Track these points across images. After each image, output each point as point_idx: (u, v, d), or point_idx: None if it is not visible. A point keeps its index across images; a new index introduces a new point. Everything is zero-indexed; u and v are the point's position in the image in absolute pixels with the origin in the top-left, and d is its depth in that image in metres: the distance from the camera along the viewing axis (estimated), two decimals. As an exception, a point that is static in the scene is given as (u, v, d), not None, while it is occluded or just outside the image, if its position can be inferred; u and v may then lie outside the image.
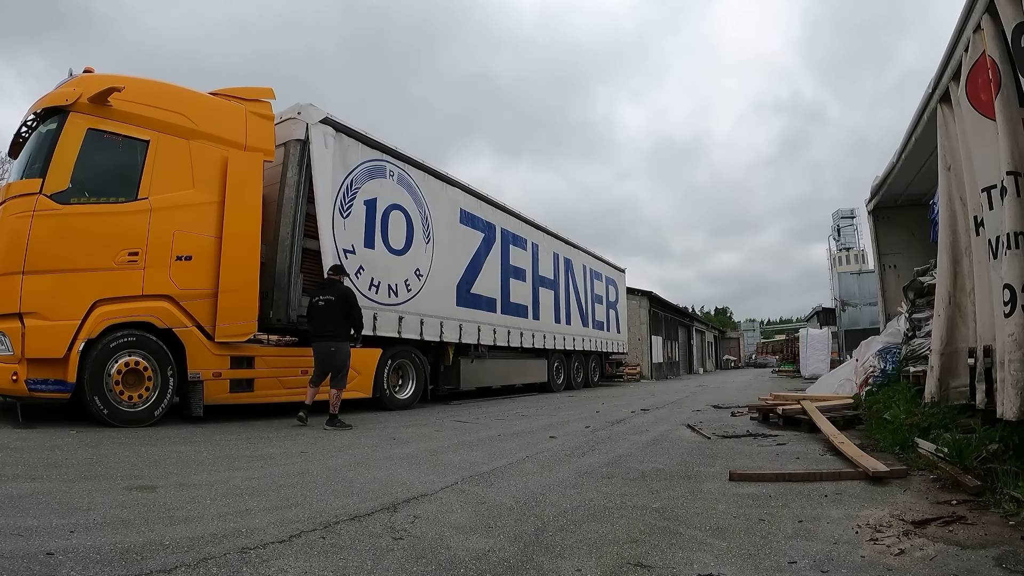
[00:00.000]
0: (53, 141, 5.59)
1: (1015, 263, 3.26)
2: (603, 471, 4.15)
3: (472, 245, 10.98)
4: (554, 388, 14.27)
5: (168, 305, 6.09)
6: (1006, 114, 3.47)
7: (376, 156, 8.65)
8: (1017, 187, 3.33)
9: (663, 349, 27.49)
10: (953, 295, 4.35)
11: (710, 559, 2.36)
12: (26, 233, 5.31)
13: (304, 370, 7.37)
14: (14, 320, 5.24)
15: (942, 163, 4.69)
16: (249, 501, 3.09)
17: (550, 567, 2.28)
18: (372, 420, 7.25)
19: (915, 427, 4.72)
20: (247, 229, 6.74)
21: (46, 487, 3.17)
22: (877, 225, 9.41)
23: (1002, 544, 2.43)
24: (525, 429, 6.62)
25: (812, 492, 3.42)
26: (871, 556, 2.36)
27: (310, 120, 7.57)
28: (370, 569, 2.20)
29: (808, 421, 5.98)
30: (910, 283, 6.85)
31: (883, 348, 7.74)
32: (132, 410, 5.71)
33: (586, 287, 16.57)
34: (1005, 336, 3.31)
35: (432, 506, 3.14)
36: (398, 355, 8.87)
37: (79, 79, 5.91)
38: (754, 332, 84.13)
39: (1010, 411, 3.22)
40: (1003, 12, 3.47)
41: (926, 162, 6.68)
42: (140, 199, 5.97)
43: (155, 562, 2.15)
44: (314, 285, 7.27)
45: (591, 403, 10.56)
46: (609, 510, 3.11)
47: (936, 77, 4.86)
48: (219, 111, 6.81)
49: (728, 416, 7.84)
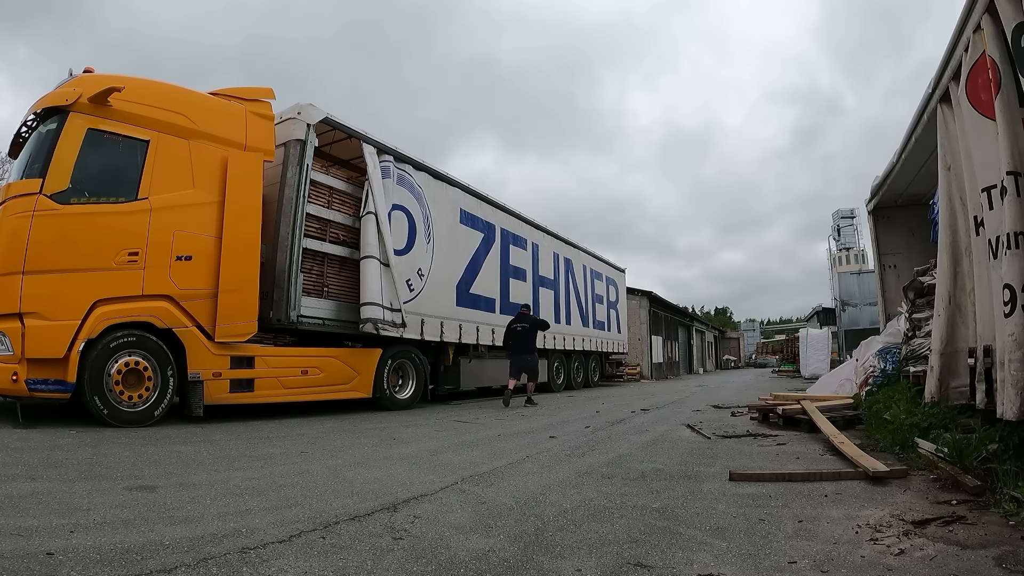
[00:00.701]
0: (53, 141, 5.59)
1: (1015, 263, 3.26)
2: (603, 471, 4.15)
3: (472, 245, 10.98)
4: (554, 388, 14.26)
5: (168, 305, 6.09)
6: (1006, 114, 3.46)
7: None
8: (1017, 187, 3.32)
9: (663, 349, 27.49)
10: (953, 295, 4.34)
11: (710, 559, 2.36)
12: (26, 233, 5.31)
13: (304, 370, 7.39)
14: (14, 320, 5.24)
15: (942, 163, 4.68)
16: (249, 501, 3.09)
17: (550, 567, 2.28)
18: (372, 420, 7.25)
19: (915, 427, 4.71)
20: (247, 229, 6.74)
21: (46, 487, 3.17)
22: (877, 225, 9.41)
23: (1002, 544, 2.43)
24: (525, 429, 6.62)
25: (812, 492, 3.42)
26: (871, 556, 2.36)
27: (310, 120, 7.57)
28: (370, 569, 2.20)
29: (808, 421, 5.98)
30: (910, 283, 6.84)
31: (883, 348, 7.74)
32: (132, 410, 5.71)
33: (586, 287, 16.57)
34: (1005, 336, 3.31)
35: (432, 506, 3.14)
36: (398, 355, 8.87)
37: (79, 79, 5.92)
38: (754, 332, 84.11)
39: (1010, 411, 3.22)
40: (1003, 12, 3.47)
41: (926, 162, 6.67)
42: (140, 199, 5.97)
43: (155, 562, 2.15)
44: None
45: (591, 403, 10.56)
46: (609, 510, 3.11)
47: (936, 77, 4.86)
48: (219, 111, 6.81)
49: (728, 416, 7.84)
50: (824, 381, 10.77)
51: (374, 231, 8.02)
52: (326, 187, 8.04)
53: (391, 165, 8.72)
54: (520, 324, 10.29)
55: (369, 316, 7.81)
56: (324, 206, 7.96)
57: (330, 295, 7.97)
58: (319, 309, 7.76)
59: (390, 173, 8.67)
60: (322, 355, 7.80)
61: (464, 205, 10.81)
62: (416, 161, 9.47)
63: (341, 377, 7.91)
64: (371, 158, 8.29)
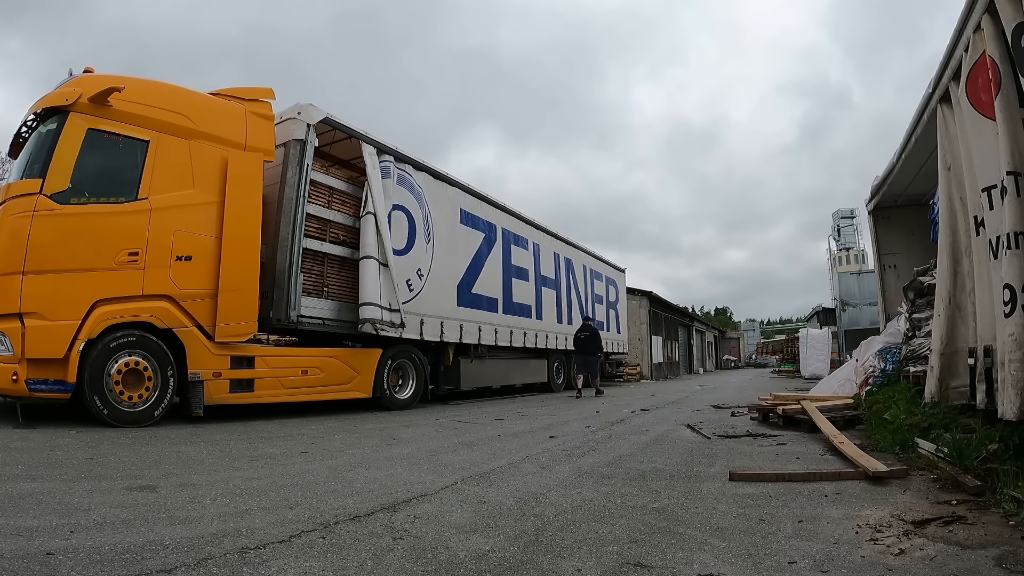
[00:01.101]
0: (53, 141, 5.59)
1: (1015, 263, 3.26)
2: (603, 471, 4.15)
3: (473, 245, 10.97)
4: (554, 388, 14.26)
5: (168, 305, 6.09)
6: (1006, 114, 3.46)
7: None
8: (1017, 187, 3.32)
9: (663, 349, 27.48)
10: (953, 295, 4.34)
11: (710, 559, 2.36)
12: (26, 233, 5.31)
13: (304, 370, 7.40)
14: (14, 320, 5.24)
15: (942, 163, 4.68)
16: (249, 501, 3.09)
17: (550, 567, 2.28)
18: (372, 420, 7.25)
19: (915, 427, 4.71)
20: (247, 229, 6.74)
21: (46, 487, 3.17)
22: (877, 225, 9.40)
23: (1002, 544, 2.43)
24: (525, 429, 6.62)
25: (812, 492, 3.42)
26: (871, 556, 2.36)
27: (310, 120, 7.57)
28: (370, 569, 2.20)
29: (808, 421, 5.98)
30: (910, 283, 6.84)
31: (883, 348, 7.73)
32: (132, 410, 5.71)
33: (587, 287, 16.57)
34: (1005, 336, 3.31)
35: (432, 506, 3.14)
36: (398, 355, 8.87)
37: (79, 79, 5.92)
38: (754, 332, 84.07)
39: (1010, 411, 3.22)
40: (1003, 12, 3.47)
41: (926, 162, 6.67)
42: (140, 199, 5.97)
43: (155, 562, 2.15)
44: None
45: (591, 403, 10.56)
46: (609, 510, 3.11)
47: (936, 77, 4.86)
48: (219, 111, 6.81)
49: (728, 416, 7.83)
50: (824, 381, 10.78)
51: (373, 231, 8.03)
52: (326, 187, 8.03)
53: (391, 165, 8.71)
54: (583, 333, 13.35)
55: (367, 316, 7.81)
56: (324, 206, 7.96)
57: (330, 295, 7.97)
58: (319, 309, 7.76)
59: (390, 173, 8.67)
60: (322, 355, 7.81)
61: (464, 205, 10.80)
62: (416, 161, 9.47)
63: (341, 377, 7.91)
64: (371, 158, 8.29)
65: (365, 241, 8.00)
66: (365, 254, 7.97)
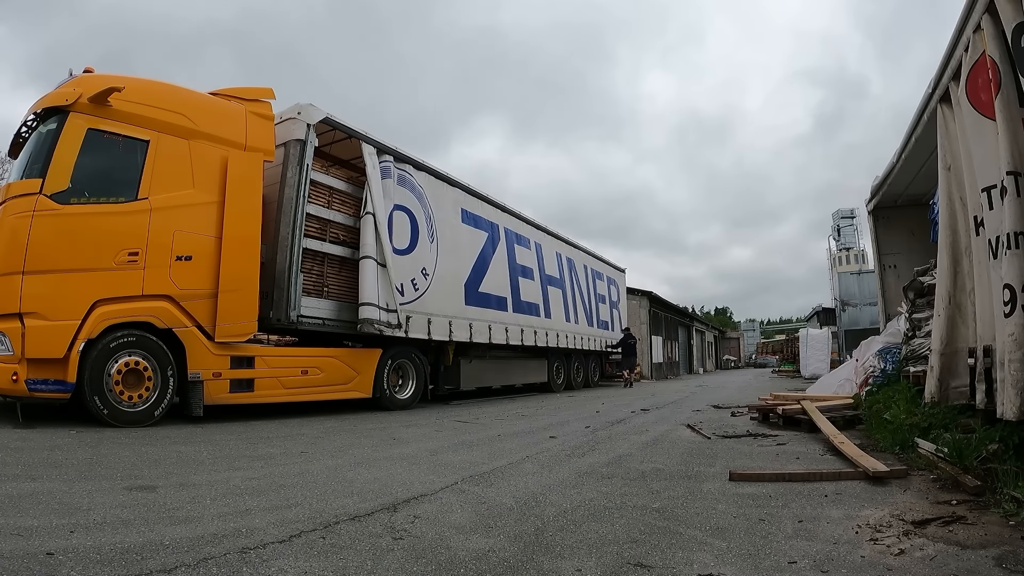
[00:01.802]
0: (53, 141, 5.59)
1: (1015, 263, 3.26)
2: (603, 471, 4.15)
3: (477, 244, 10.97)
4: (554, 388, 14.26)
5: (168, 305, 6.09)
6: (1006, 114, 3.46)
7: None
8: (1017, 187, 3.32)
9: (663, 349, 27.47)
10: (953, 295, 4.34)
11: (710, 559, 2.36)
12: (26, 233, 5.31)
13: (304, 370, 7.40)
14: (14, 320, 5.24)
15: (942, 163, 4.68)
16: (249, 501, 3.09)
17: (550, 567, 2.28)
18: (372, 420, 7.25)
19: (915, 427, 4.72)
20: (247, 229, 6.74)
21: (46, 487, 3.17)
22: (877, 225, 9.41)
23: (1002, 544, 2.43)
24: (525, 429, 6.62)
25: (812, 492, 3.42)
26: (871, 556, 2.36)
27: (310, 120, 7.57)
28: (370, 569, 2.20)
29: (808, 421, 5.98)
30: (910, 283, 6.84)
31: (883, 348, 7.73)
32: (132, 410, 5.71)
33: (589, 287, 16.59)
34: (1005, 336, 3.31)
35: (432, 506, 3.14)
36: (398, 355, 8.87)
37: (79, 79, 5.92)
38: (754, 332, 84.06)
39: (1010, 411, 3.22)
40: (1003, 12, 3.47)
41: (926, 162, 6.67)
42: (140, 199, 5.97)
43: (155, 562, 2.15)
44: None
45: (591, 403, 10.56)
46: (609, 510, 3.11)
47: (936, 77, 4.86)
48: (219, 111, 6.81)
49: (728, 416, 7.84)
50: (824, 381, 10.76)
51: (372, 232, 8.03)
52: (326, 187, 8.03)
53: (391, 165, 8.71)
54: (630, 340, 17.43)
55: (366, 316, 7.81)
56: (324, 206, 7.96)
57: (330, 295, 7.97)
58: (319, 309, 7.76)
59: (390, 173, 8.67)
60: (322, 355, 7.81)
61: (466, 205, 10.80)
62: (416, 161, 9.47)
63: (341, 377, 7.91)
64: (370, 158, 8.29)
65: (365, 241, 8.00)
66: (365, 254, 7.97)
